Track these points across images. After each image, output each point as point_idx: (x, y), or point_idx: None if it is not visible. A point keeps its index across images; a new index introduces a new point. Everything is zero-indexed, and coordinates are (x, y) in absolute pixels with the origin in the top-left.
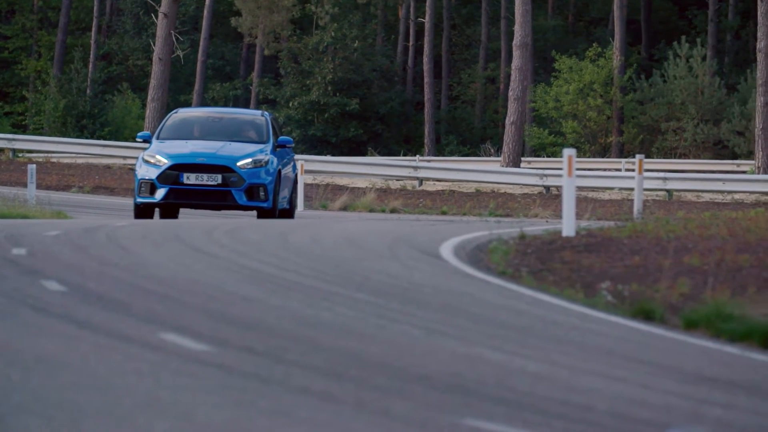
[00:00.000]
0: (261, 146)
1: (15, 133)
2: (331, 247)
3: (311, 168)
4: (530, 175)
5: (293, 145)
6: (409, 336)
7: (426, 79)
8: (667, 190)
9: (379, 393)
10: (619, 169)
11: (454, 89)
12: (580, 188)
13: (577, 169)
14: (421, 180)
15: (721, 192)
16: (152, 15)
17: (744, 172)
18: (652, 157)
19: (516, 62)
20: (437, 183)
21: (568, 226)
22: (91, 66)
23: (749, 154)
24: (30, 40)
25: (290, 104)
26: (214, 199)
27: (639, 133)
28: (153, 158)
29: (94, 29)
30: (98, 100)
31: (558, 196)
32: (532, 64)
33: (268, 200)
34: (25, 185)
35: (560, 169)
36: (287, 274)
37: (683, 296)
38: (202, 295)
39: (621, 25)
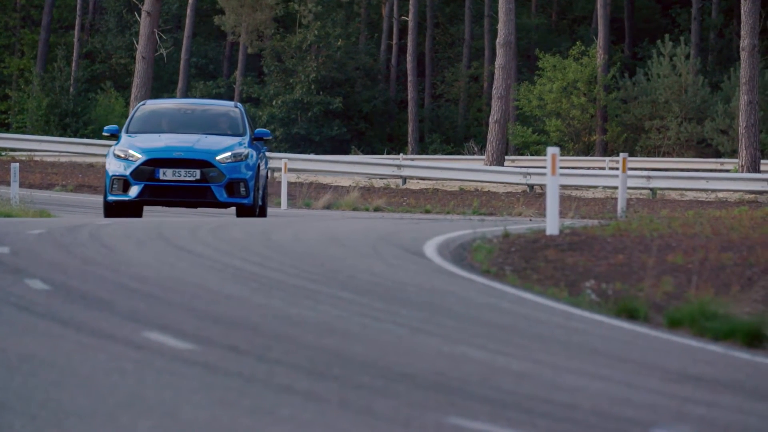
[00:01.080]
0: (238, 139)
1: None
2: (315, 245)
3: (295, 167)
4: (514, 173)
5: (270, 137)
6: (392, 335)
7: (409, 78)
8: (651, 189)
9: (362, 392)
10: (602, 168)
11: (437, 87)
12: (563, 187)
13: (561, 168)
14: (404, 178)
15: (705, 190)
16: (135, 13)
17: (728, 171)
18: (636, 156)
19: (499, 60)
20: (421, 181)
21: (551, 224)
22: (74, 64)
23: (733, 153)
24: (13, 38)
25: (273, 103)
26: (193, 196)
27: (623, 131)
28: (125, 153)
29: (77, 27)
30: (81, 98)
31: (542, 195)
32: (515, 63)
33: (249, 196)
34: (7, 184)
35: (544, 167)
36: (271, 273)
37: (667, 295)
38: (186, 293)
39: (604, 24)
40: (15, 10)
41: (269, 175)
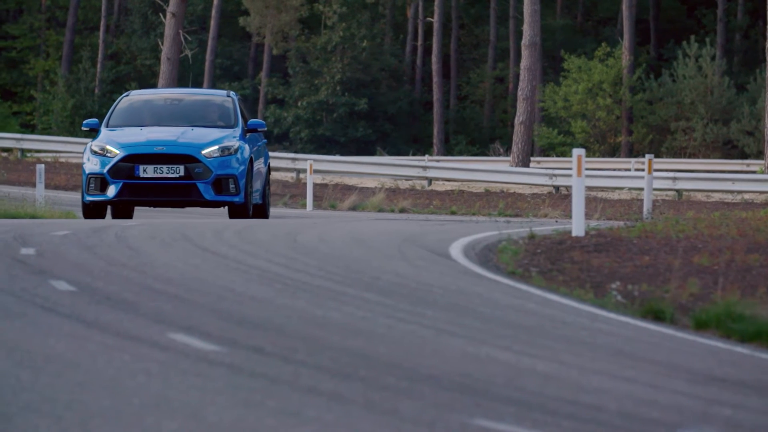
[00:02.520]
0: (228, 131)
1: (23, 132)
2: (340, 246)
3: (320, 168)
4: (539, 174)
5: (266, 128)
6: (418, 336)
7: (435, 79)
8: (677, 190)
9: (387, 393)
10: (628, 169)
11: (462, 89)
12: (589, 188)
13: (587, 169)
14: (430, 180)
15: (731, 192)
16: (160, 14)
17: (754, 172)
18: (662, 157)
19: (525, 62)
20: (446, 183)
21: (577, 226)
22: (99, 65)
23: (759, 154)
24: (38, 39)
25: (299, 104)
26: (177, 195)
27: (648, 132)
28: (102, 149)
29: (102, 29)
30: (106, 99)
31: (567, 196)
32: (541, 64)
33: (240, 194)
34: (33, 185)
35: (569, 168)
36: (296, 274)
37: (693, 296)
38: (211, 295)
39: (630, 25)
40: (40, 11)
41: (270, 170)
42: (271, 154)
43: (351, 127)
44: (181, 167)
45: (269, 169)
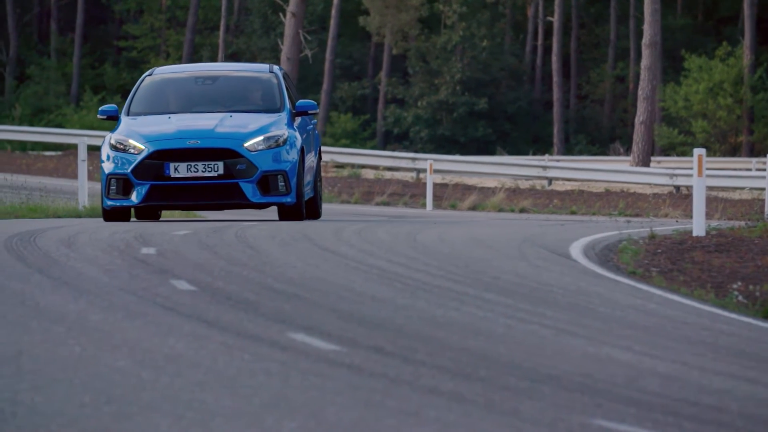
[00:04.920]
0: (274, 117)
1: None
2: (460, 246)
3: (440, 168)
4: (660, 174)
5: (317, 110)
6: (538, 336)
7: (554, 78)
8: None
9: (508, 393)
10: (749, 169)
11: (582, 88)
12: (710, 188)
13: (707, 169)
14: (550, 180)
15: None
16: (280, 14)
17: None
18: None
19: (645, 61)
20: (566, 183)
21: (698, 226)
22: None
23: None
24: (158, 39)
25: (418, 104)
26: (215, 197)
27: None
28: (123, 143)
29: (222, 28)
30: None
31: (688, 196)
32: (661, 63)
33: (291, 193)
34: None
35: (690, 168)
36: (416, 274)
37: None
38: (331, 294)
39: (751, 24)
40: (160, 11)
41: (320, 157)
42: (391, 153)
43: (471, 127)
44: (220, 164)
45: (320, 158)
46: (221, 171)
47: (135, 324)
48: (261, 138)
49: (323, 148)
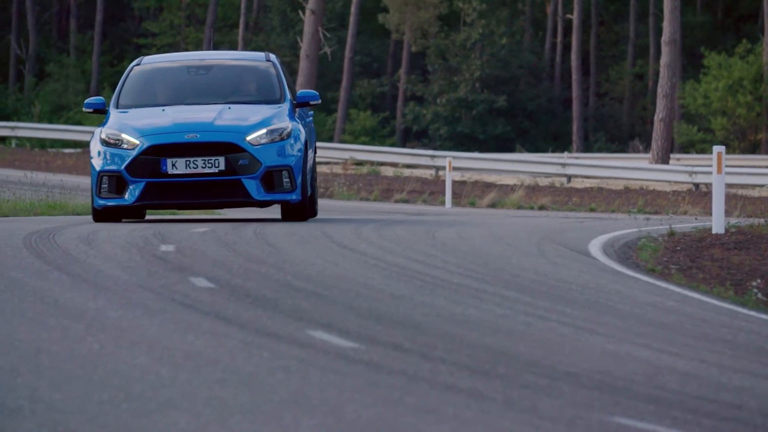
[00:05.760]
0: (276, 108)
1: None
2: (479, 244)
3: (459, 165)
4: (679, 172)
5: (320, 101)
6: (557, 334)
7: (574, 76)
8: None
9: (526, 391)
10: None
11: (602, 86)
12: (729, 185)
13: (727, 166)
14: (569, 177)
15: None
16: (299, 11)
17: None
18: None
19: (665, 59)
20: (585, 180)
21: (717, 223)
22: None
23: None
24: (178, 36)
25: (438, 101)
26: (216, 195)
27: None
28: (116, 138)
29: (241, 26)
30: None
31: (707, 194)
32: (680, 61)
33: (296, 190)
34: None
35: (709, 166)
36: (434, 271)
37: None
38: (350, 292)
39: None
40: (180, 8)
41: (316, 151)
42: (410, 151)
43: (490, 124)
44: (221, 159)
45: (315, 152)
46: (222, 167)
47: (154, 321)
48: (264, 131)
49: (342, 146)
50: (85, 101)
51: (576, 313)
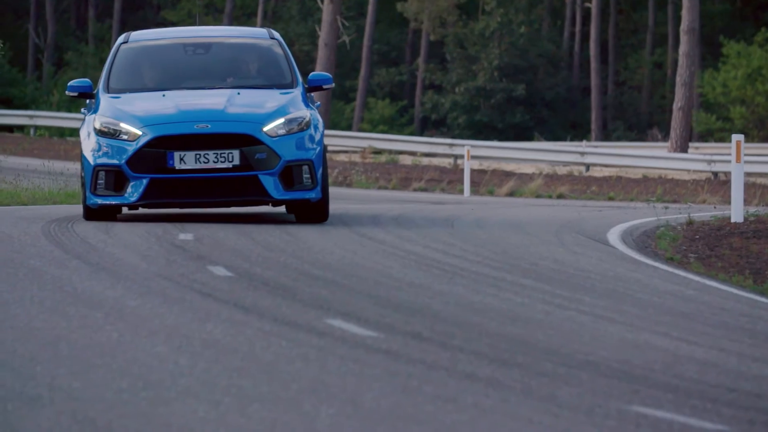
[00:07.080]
0: (289, 93)
1: None
2: (497, 232)
3: (477, 154)
4: (698, 160)
5: (333, 85)
6: (575, 322)
7: (593, 65)
8: None
9: (545, 379)
10: None
11: (620, 74)
12: (748, 174)
13: (746, 155)
14: (588, 166)
15: None
16: (318, 0)
17: None
18: None
19: (683, 47)
20: (604, 168)
21: (736, 212)
22: None
23: None
24: (196, 26)
25: (456, 90)
26: (230, 193)
27: None
28: (114, 127)
29: (259, 15)
30: None
31: (726, 182)
32: (699, 50)
33: (317, 186)
34: None
35: (728, 154)
36: (453, 260)
37: None
38: (368, 280)
39: None
40: None
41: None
42: (428, 139)
43: (508, 113)
44: (236, 153)
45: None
46: (237, 161)
47: (172, 310)
48: (282, 120)
49: (361, 134)
50: (69, 83)
51: (595, 301)
